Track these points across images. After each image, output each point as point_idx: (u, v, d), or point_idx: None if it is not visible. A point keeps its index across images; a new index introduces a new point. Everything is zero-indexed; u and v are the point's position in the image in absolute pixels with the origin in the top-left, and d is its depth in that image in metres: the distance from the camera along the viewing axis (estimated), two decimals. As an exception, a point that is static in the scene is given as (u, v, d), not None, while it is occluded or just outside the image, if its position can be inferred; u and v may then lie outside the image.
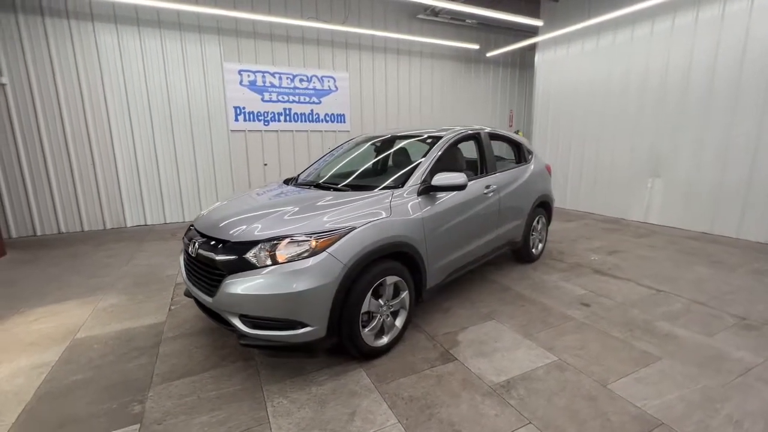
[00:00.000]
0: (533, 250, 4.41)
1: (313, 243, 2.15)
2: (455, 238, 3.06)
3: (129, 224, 6.64)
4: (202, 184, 7.09)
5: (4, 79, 5.57)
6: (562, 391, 2.18)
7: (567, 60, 7.73)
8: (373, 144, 3.77)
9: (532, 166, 4.27)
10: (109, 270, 4.38)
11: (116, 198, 6.49)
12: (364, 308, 2.35)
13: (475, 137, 3.65)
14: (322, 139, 8.00)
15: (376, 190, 2.75)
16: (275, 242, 2.16)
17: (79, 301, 3.52)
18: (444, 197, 2.95)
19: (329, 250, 2.16)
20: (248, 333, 2.17)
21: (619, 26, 6.70)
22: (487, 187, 3.43)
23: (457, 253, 3.12)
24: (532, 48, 8.62)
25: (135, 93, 6.37)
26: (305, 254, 2.13)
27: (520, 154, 4.33)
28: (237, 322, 2.19)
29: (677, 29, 5.90)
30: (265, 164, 7.52)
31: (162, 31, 6.41)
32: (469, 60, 9.36)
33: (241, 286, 2.11)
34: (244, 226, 2.32)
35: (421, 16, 8.23)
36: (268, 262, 2.13)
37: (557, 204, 8.07)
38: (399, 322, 2.65)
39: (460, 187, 2.85)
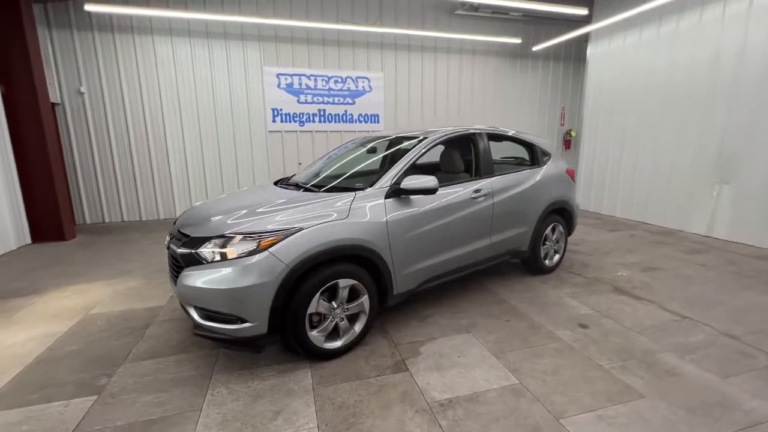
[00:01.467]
0: (546, 262, 4.04)
1: (258, 242, 2.22)
2: (431, 244, 2.93)
3: (179, 215, 7.39)
4: (242, 180, 7.63)
5: (83, 89, 6.54)
6: (505, 419, 1.98)
7: (622, 50, 6.92)
8: (367, 145, 3.74)
9: (545, 170, 3.91)
10: (145, 256, 4.93)
11: (168, 191, 7.26)
12: (312, 309, 2.36)
13: (469, 138, 3.45)
14: (355, 139, 8.13)
15: (344, 192, 2.73)
16: (224, 239, 2.26)
17: (107, 282, 4.01)
18: (418, 201, 2.83)
19: (271, 249, 2.21)
20: (200, 323, 2.31)
21: (685, 9, 5.82)
22: (477, 191, 3.22)
23: (434, 259, 2.98)
24: (586, 39, 7.86)
25: (185, 97, 7.06)
26: (248, 252, 2.20)
27: (534, 156, 3.99)
28: (192, 312, 2.34)
29: (758, 6, 4.96)
30: (299, 163, 7.85)
31: (209, 41, 7.01)
32: (515, 55, 8.82)
33: (192, 279, 2.25)
34: (204, 223, 2.47)
35: (460, 12, 7.95)
36: (217, 258, 2.24)
37: (605, 212, 7.31)
38: (358, 327, 2.61)
39: (430, 191, 2.73)
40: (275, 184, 3.41)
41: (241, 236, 2.24)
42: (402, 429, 1.92)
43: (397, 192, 2.73)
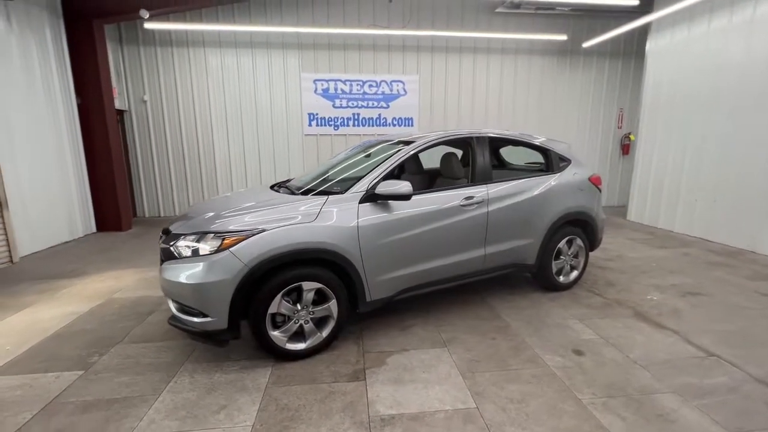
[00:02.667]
0: (560, 278, 3.69)
1: (221, 241, 2.32)
2: (410, 252, 2.83)
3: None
4: (279, 180, 8.03)
5: (146, 97, 7.38)
6: (442, 445, 1.84)
7: (686, 43, 6.08)
8: (368, 150, 3.72)
9: (559, 177, 3.57)
10: (179, 248, 5.40)
11: (214, 187, 7.90)
12: (273, 309, 2.40)
13: (466, 143, 3.27)
14: (388, 142, 8.14)
15: (324, 195, 2.74)
16: (193, 237, 2.40)
17: (139, 270, 4.48)
18: (397, 207, 2.75)
19: (232, 249, 2.29)
20: (175, 314, 2.48)
21: (764, -8, 4.95)
22: (469, 198, 3.04)
23: (414, 268, 2.87)
24: (645, 32, 7.04)
25: (231, 103, 7.63)
26: (212, 251, 2.31)
27: (549, 161, 3.66)
28: (170, 304, 2.52)
29: None
30: (333, 166, 8.05)
31: (253, 50, 7.51)
32: (563, 53, 8.20)
33: (166, 272, 2.43)
34: (185, 221, 2.64)
35: (501, 10, 7.59)
36: (187, 253, 2.39)
37: (662, 225, 6.50)
38: (325, 331, 2.61)
39: (403, 197, 2.64)
40: (271, 187, 3.51)
41: (203, 235, 2.36)
42: (331, 440, 1.88)
43: (372, 197, 2.68)
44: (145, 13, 5.86)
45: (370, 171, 2.83)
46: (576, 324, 3.07)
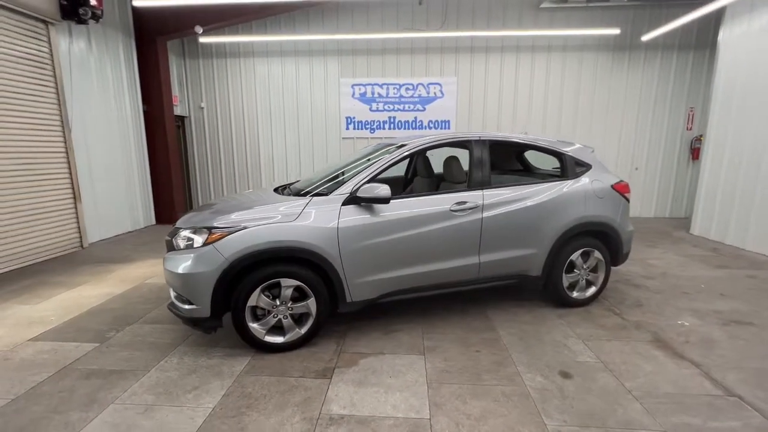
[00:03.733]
0: (573, 294, 3.40)
1: (207, 236, 2.52)
2: (394, 256, 2.81)
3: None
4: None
5: (203, 104, 8.18)
6: (379, 451, 1.82)
7: (766, 31, 5.22)
8: (374, 152, 3.76)
9: (573, 183, 3.29)
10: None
11: (258, 185, 8.48)
12: (252, 302, 2.55)
13: (464, 146, 3.17)
14: (423, 145, 8.08)
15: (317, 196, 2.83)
16: (188, 231, 2.63)
17: (175, 259, 4.98)
18: (382, 210, 2.76)
19: (215, 243, 2.48)
20: (172, 301, 2.74)
21: None
22: (461, 203, 2.93)
23: (398, 272, 2.85)
24: (718, 20, 6.17)
25: (276, 109, 8.14)
26: (199, 245, 2.52)
27: (564, 167, 3.39)
28: (171, 291, 2.79)
29: None
30: (368, 168, 8.20)
31: (297, 58, 7.94)
32: (620, 48, 7.48)
33: (166, 262, 2.69)
34: (189, 217, 2.90)
35: (546, 5, 7.16)
36: (182, 246, 2.63)
37: (729, 241, 5.66)
38: (304, 328, 2.70)
39: (382, 200, 2.64)
40: (276, 189, 3.64)
41: (194, 230, 2.58)
42: (276, 430, 1.95)
43: (355, 199, 2.72)
44: (198, 29, 6.51)
45: (357, 174, 2.87)
46: (576, 344, 2.81)
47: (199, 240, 2.55)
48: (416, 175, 4.18)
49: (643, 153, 7.85)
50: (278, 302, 2.62)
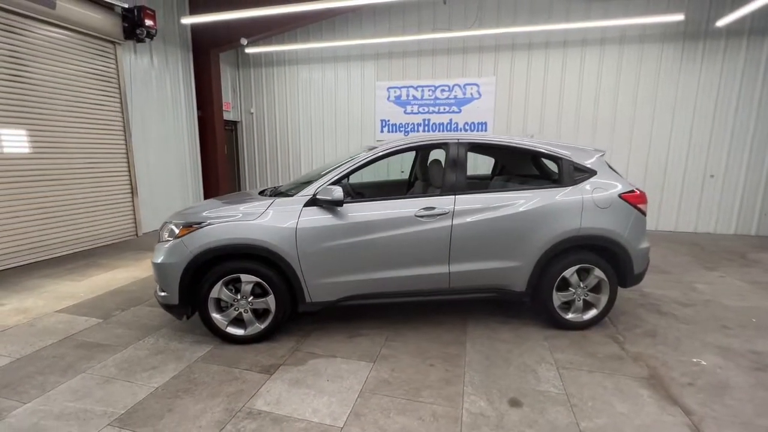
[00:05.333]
0: (568, 316, 3.04)
1: (179, 231, 2.75)
2: (354, 260, 2.78)
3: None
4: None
5: (252, 110, 8.87)
6: (275, 451, 1.83)
7: None
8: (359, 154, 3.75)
9: (569, 191, 2.93)
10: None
11: (298, 189, 8.94)
12: (215, 294, 2.72)
13: (440, 148, 3.01)
14: (458, 148, 7.81)
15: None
16: (169, 225, 2.89)
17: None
18: (344, 212, 2.76)
19: (183, 237, 2.70)
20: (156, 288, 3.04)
21: None
22: (429, 209, 2.80)
23: (359, 276, 2.81)
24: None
25: (316, 113, 8.52)
26: (172, 238, 2.76)
27: (560, 172, 3.05)
28: (159, 278, 3.10)
29: None
30: (402, 171, 8.17)
31: (336, 64, 8.22)
32: (692, 36, 6.47)
33: (154, 251, 3.00)
34: (179, 211, 3.19)
35: (598, -5, 6.46)
36: (163, 237, 2.90)
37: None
38: (263, 323, 2.80)
39: (335, 203, 2.64)
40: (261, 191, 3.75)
41: (173, 224, 2.82)
42: (196, 416, 2.06)
43: (316, 201, 2.75)
44: (243, 41, 7.09)
45: (323, 176, 2.90)
46: (548, 371, 2.51)
47: (173, 233, 2.79)
48: (418, 179, 4.08)
49: (720, 159, 6.67)
50: (239, 296, 2.76)
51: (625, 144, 7.01)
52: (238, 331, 2.81)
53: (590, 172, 3.04)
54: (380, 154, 2.96)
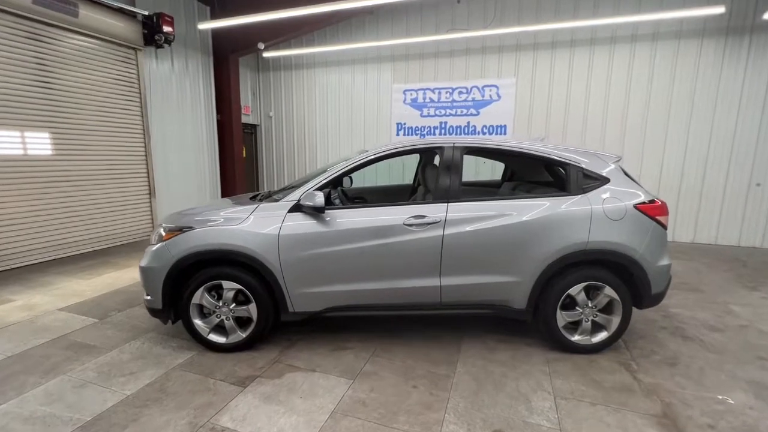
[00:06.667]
0: (575, 338, 2.76)
1: (164, 234, 2.72)
2: (339, 269, 2.65)
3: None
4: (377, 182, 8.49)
5: (271, 113, 8.98)
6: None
7: None
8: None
9: (577, 200, 2.66)
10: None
11: (314, 192, 8.95)
12: (196, 300, 2.67)
13: (433, 153, 2.82)
14: (475, 152, 7.53)
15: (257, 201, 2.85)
16: (160, 228, 2.87)
17: (212, 252, 5.53)
18: (330, 219, 2.63)
19: (167, 241, 2.67)
20: (147, 291, 3.04)
21: None
22: (419, 217, 2.62)
23: (345, 286, 2.67)
24: None
25: (332, 115, 8.49)
26: (157, 241, 2.74)
27: (567, 179, 2.77)
28: (150, 281, 3.10)
29: None
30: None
31: (353, 67, 8.16)
32: (736, 30, 5.90)
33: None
34: (171, 214, 3.18)
35: (628, -12, 6.02)
36: (153, 240, 2.89)
37: None
38: (245, 332, 2.72)
39: (316, 209, 2.52)
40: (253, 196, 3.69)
41: (162, 228, 2.80)
42: (158, 429, 1.99)
43: (299, 207, 2.64)
44: (261, 45, 7.18)
45: (308, 181, 2.79)
46: (543, 400, 2.26)
47: (159, 237, 2.77)
48: (420, 184, 3.90)
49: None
50: (221, 303, 2.69)
51: (658, 147, 6.48)
52: (220, 339, 2.75)
53: (602, 180, 2.75)
54: (372, 157, 2.82)
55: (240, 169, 8.12)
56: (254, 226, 2.63)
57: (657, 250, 2.70)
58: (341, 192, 3.81)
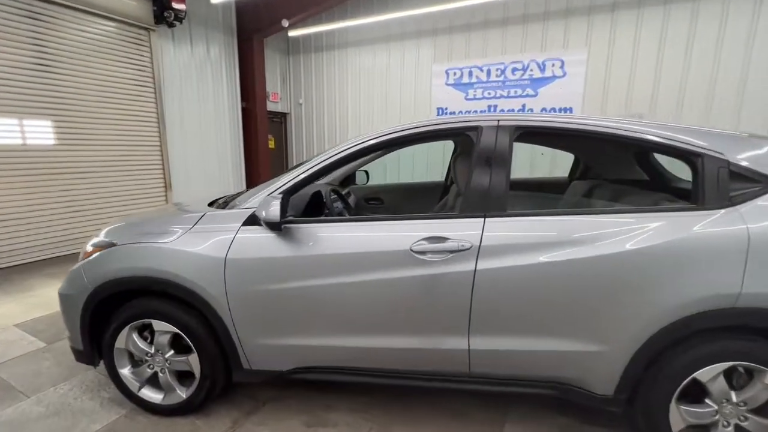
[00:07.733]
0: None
1: (85, 251, 2.00)
2: (318, 314, 1.74)
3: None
4: (402, 176, 7.50)
5: (301, 100, 8.29)
6: None
7: None
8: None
9: (721, 216, 1.50)
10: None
11: (345, 187, 8.16)
12: (121, 344, 1.92)
13: (468, 136, 1.78)
14: (531, 141, 6.25)
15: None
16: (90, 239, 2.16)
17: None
18: (301, 237, 1.73)
19: (83, 261, 1.94)
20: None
21: None
22: (435, 239, 1.62)
23: (326, 339, 1.77)
24: None
25: (365, 101, 7.63)
26: (81, 259, 2.02)
27: (701, 182, 1.60)
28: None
29: None
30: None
31: (389, 44, 7.19)
32: None
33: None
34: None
35: None
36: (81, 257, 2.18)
37: None
38: (187, 391, 1.93)
39: (272, 225, 1.62)
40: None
41: (91, 243, 2.06)
42: None
43: (256, 218, 1.76)
44: (285, 22, 6.43)
45: (275, 181, 1.90)
46: None
47: (84, 254, 2.04)
48: (453, 182, 2.88)
49: None
50: (154, 350, 1.91)
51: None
52: (156, 396, 1.97)
53: (763, 182, 1.56)
54: (373, 142, 1.83)
55: (266, 160, 7.53)
56: (192, 244, 1.80)
57: None
58: (346, 194, 2.91)
